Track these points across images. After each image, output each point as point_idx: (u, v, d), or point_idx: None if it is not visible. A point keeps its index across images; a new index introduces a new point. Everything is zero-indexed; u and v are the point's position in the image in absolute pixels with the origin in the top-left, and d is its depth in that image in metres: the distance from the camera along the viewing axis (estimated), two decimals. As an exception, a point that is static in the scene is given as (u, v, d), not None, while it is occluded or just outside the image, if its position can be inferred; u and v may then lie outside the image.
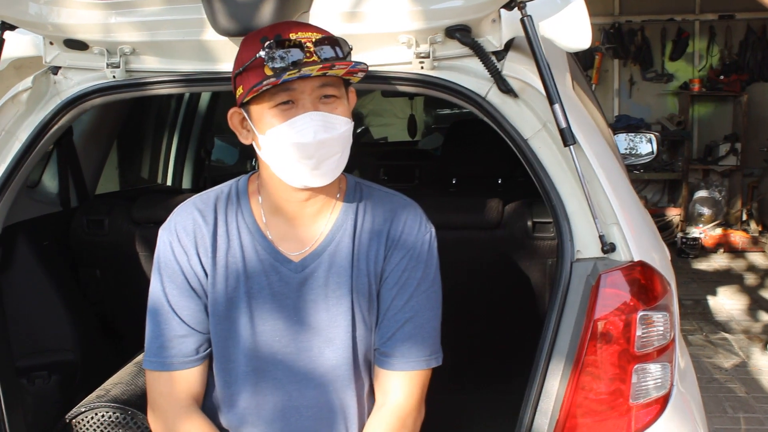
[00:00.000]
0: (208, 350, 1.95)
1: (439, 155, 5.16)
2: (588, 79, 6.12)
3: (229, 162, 5.24)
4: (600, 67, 8.84)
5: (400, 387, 1.91)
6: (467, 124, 4.47)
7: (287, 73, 1.69)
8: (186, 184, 4.66)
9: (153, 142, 4.43)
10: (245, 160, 5.22)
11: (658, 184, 8.88)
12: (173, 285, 1.91)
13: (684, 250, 8.00)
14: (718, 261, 7.95)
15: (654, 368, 1.90)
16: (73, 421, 2.45)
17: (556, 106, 1.90)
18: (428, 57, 2.03)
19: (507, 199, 2.90)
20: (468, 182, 4.12)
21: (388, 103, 7.72)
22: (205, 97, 4.70)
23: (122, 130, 3.65)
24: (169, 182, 4.54)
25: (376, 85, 2.16)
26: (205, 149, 4.73)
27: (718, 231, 8.26)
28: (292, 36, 1.73)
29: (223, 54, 2.08)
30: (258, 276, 1.90)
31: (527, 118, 2.03)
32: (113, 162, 3.87)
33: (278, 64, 1.71)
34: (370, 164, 5.00)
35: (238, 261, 1.91)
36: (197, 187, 4.57)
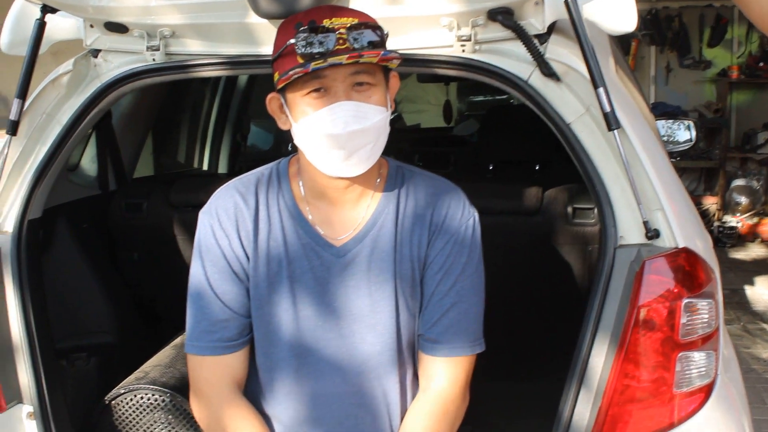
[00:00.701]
0: (250, 335, 1.93)
1: (474, 141, 5.13)
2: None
3: (264, 147, 5.23)
4: (636, 54, 8.69)
5: (445, 373, 1.90)
6: (503, 110, 4.44)
7: (315, 62, 1.67)
8: (222, 169, 4.67)
9: (189, 127, 4.44)
10: (280, 145, 5.22)
11: (694, 172, 8.75)
12: (215, 269, 1.89)
13: (721, 239, 7.90)
14: (756, 250, 7.83)
15: (698, 356, 1.87)
16: (113, 402, 2.47)
17: (601, 90, 1.88)
18: (470, 40, 2.01)
19: (545, 185, 2.87)
20: (505, 168, 4.09)
21: (421, 90, 7.68)
22: (241, 82, 4.70)
23: (158, 115, 3.67)
24: (205, 167, 4.55)
25: (416, 68, 2.14)
26: (241, 134, 4.75)
27: (755, 220, 8.15)
28: (326, 22, 1.71)
29: (263, 37, 2.07)
30: (300, 260, 1.88)
31: (570, 102, 2.00)
32: (148, 147, 3.88)
33: (308, 52, 1.69)
34: (405, 150, 4.98)
35: (279, 245, 1.89)
36: (233, 172, 4.58)
